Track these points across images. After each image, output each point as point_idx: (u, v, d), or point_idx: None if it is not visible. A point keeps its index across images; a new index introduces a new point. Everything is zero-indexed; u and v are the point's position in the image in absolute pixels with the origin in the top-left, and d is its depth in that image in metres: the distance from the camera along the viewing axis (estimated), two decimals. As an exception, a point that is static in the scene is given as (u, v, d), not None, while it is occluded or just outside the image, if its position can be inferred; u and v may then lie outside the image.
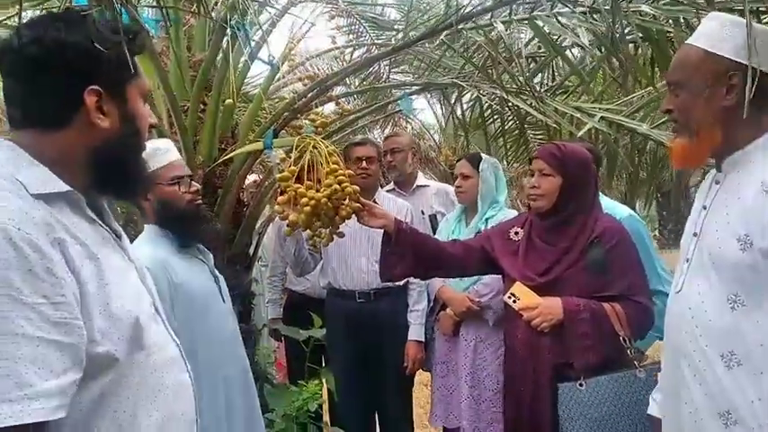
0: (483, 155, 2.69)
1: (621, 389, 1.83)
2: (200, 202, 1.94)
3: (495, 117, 3.67)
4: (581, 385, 1.84)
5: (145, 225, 1.95)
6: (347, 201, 1.96)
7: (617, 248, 1.96)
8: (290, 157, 2.07)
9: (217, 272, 2.01)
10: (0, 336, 0.75)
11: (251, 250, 2.82)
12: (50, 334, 0.79)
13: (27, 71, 0.92)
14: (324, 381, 2.99)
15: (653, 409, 1.56)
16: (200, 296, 1.85)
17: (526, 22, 2.15)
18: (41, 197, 0.87)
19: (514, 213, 2.65)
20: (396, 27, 4.02)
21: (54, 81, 0.92)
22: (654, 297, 2.02)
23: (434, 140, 10.36)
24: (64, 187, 0.91)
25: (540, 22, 2.09)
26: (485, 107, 3.41)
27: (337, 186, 1.89)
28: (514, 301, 1.97)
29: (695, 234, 1.37)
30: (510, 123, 3.33)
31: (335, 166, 1.93)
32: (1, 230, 0.79)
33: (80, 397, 0.85)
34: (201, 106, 2.57)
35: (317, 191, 1.90)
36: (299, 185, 1.92)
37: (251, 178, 2.98)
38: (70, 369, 0.81)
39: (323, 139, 2.01)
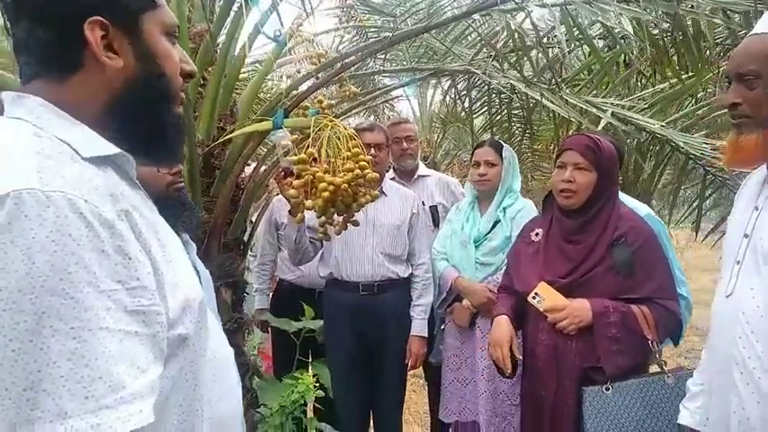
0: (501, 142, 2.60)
1: (649, 394, 1.76)
2: (181, 184, 1.73)
3: (485, 108, 3.60)
4: (607, 389, 1.77)
5: None
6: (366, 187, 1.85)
7: (644, 248, 1.89)
8: (299, 139, 1.94)
9: (199, 266, 1.78)
10: (86, 330, 0.64)
11: (245, 236, 2.66)
12: (130, 325, 0.68)
13: (28, 4, 0.77)
14: (313, 371, 2.87)
15: (684, 418, 1.50)
16: None
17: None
18: (92, 161, 0.74)
19: (530, 203, 2.57)
20: (395, 12, 3.90)
21: (54, 14, 0.76)
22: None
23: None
24: (114, 149, 0.78)
25: (570, 7, 1.99)
26: (480, 95, 3.32)
27: (359, 171, 1.78)
28: (539, 302, 1.88)
29: (746, 235, 1.31)
30: (514, 113, 3.24)
31: (357, 149, 1.81)
32: (69, 203, 0.66)
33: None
34: (201, 80, 2.39)
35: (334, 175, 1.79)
36: (317, 169, 1.80)
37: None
38: (153, 363, 0.70)
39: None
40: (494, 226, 2.54)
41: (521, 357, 1.98)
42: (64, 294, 0.63)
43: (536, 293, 1.89)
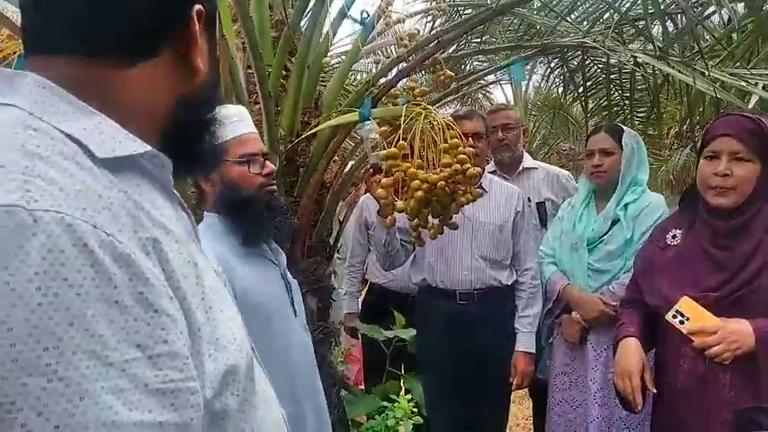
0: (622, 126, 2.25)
1: (836, 448, 1.37)
2: (274, 187, 1.53)
3: (594, 89, 3.20)
4: (774, 437, 1.40)
5: (205, 214, 1.52)
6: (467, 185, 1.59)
7: (821, 258, 1.49)
8: (389, 132, 1.71)
9: (290, 276, 1.60)
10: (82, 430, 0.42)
11: (332, 239, 2.47)
12: (152, 413, 0.46)
13: None
14: (405, 386, 2.66)
15: None
16: (267, 308, 1.44)
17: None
18: (110, 164, 0.53)
19: (659, 198, 2.19)
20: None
21: None
22: None
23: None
24: (143, 146, 0.57)
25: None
26: (593, 74, 2.94)
27: (458, 167, 1.52)
28: (682, 322, 1.53)
29: None
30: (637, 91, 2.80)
31: (455, 140, 1.55)
32: (66, 229, 0.45)
33: None
34: (283, 72, 2.22)
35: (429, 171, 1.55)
36: (409, 164, 1.56)
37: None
38: None
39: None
40: (612, 226, 2.19)
41: (654, 391, 1.63)
42: (50, 374, 0.42)
43: (678, 311, 1.54)
